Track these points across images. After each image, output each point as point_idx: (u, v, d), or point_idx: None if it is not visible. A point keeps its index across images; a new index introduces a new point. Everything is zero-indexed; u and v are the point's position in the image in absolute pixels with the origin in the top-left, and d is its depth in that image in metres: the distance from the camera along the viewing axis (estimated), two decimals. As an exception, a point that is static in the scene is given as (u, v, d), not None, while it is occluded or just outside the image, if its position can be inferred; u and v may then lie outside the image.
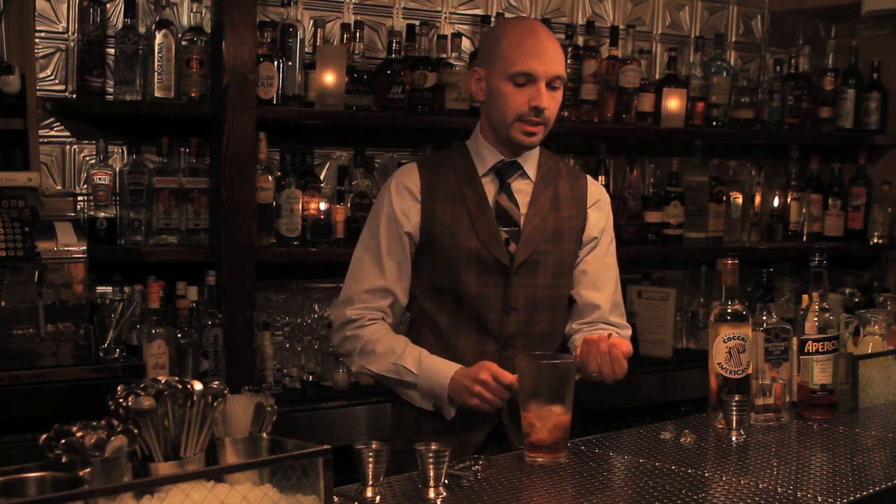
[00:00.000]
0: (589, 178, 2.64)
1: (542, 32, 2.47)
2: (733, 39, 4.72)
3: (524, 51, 2.42)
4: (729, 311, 2.41)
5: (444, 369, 2.38)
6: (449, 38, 3.78)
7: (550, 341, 2.52)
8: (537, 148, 2.55)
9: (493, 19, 3.90)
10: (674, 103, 4.22)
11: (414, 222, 2.48)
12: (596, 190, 2.61)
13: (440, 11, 3.97)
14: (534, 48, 2.42)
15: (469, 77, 2.55)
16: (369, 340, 2.46)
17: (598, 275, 2.57)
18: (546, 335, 2.51)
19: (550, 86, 2.43)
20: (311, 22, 3.66)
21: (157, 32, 3.27)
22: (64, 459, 1.46)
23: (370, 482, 1.82)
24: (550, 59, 2.43)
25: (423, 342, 2.49)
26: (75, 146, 3.37)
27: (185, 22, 3.42)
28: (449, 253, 2.46)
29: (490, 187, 2.50)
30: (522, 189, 2.52)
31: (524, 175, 2.52)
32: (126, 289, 3.24)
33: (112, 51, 3.31)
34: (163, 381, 1.57)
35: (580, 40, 4.10)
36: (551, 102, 2.44)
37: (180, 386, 1.56)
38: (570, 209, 2.54)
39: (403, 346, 2.44)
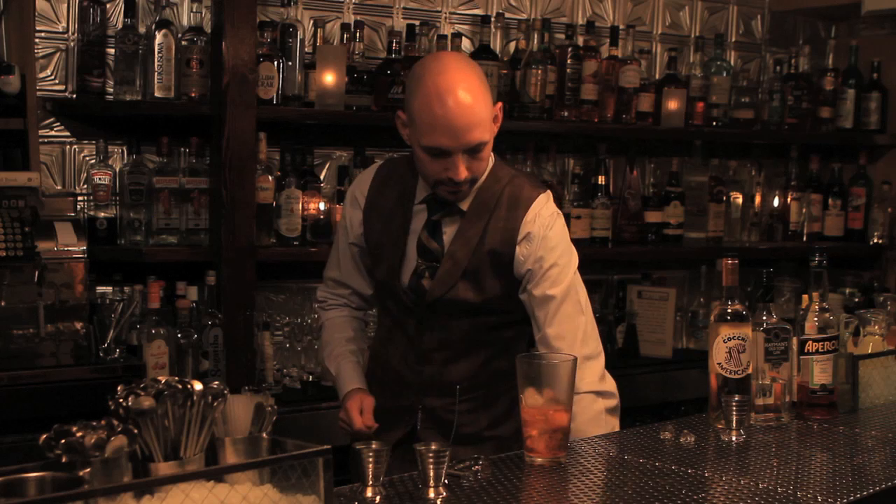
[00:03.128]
0: (534, 205, 2.38)
1: (454, 95, 2.22)
2: (733, 39, 4.72)
3: (434, 125, 2.23)
4: (729, 311, 2.41)
5: (343, 386, 2.54)
6: (449, 38, 3.78)
7: (474, 356, 2.44)
8: (488, 167, 2.39)
9: (492, 19, 3.90)
10: (674, 103, 4.22)
11: (357, 233, 2.54)
12: (529, 223, 2.36)
13: (440, 11, 3.97)
14: (443, 120, 2.22)
15: (396, 119, 2.39)
16: (322, 325, 2.69)
17: (534, 311, 2.39)
18: (466, 350, 2.44)
19: (470, 152, 2.27)
20: (311, 22, 3.66)
21: (157, 32, 3.27)
22: (64, 459, 1.46)
23: (370, 482, 1.82)
24: (462, 131, 2.22)
25: (375, 339, 2.64)
26: (75, 146, 3.37)
27: (185, 22, 3.42)
28: (373, 270, 2.54)
29: (421, 217, 2.44)
30: (454, 222, 2.40)
31: (456, 208, 2.40)
32: (126, 289, 3.25)
33: (112, 51, 3.32)
34: (163, 381, 1.57)
35: (580, 40, 4.10)
36: (472, 165, 2.29)
37: (180, 386, 1.56)
38: (496, 244, 2.37)
39: (334, 346, 2.61)
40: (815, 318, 2.52)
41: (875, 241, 4.72)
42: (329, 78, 3.47)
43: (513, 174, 2.45)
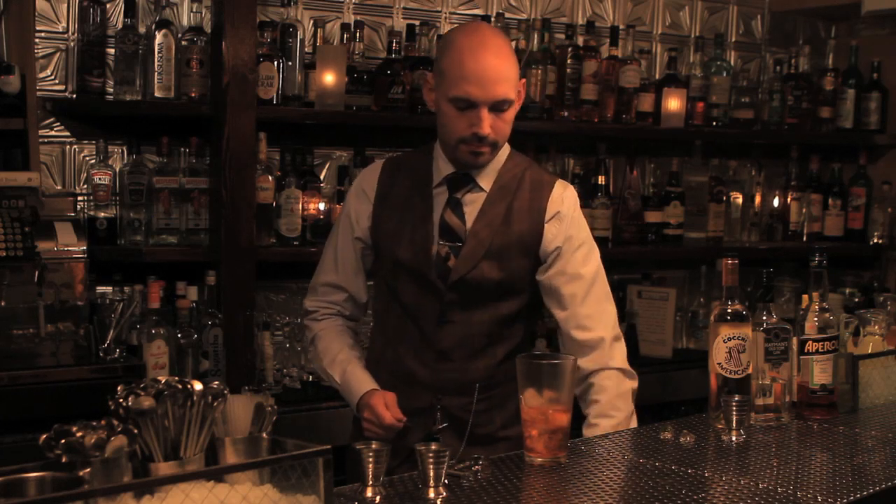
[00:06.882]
0: (557, 186, 2.46)
1: (486, 50, 2.29)
2: (733, 39, 4.72)
3: (464, 73, 2.27)
4: (729, 311, 2.41)
5: (357, 388, 2.45)
6: (449, 38, 3.77)
7: (492, 353, 2.45)
8: (505, 152, 2.45)
9: (493, 19, 3.90)
10: (674, 103, 4.22)
11: (364, 227, 2.50)
12: (557, 202, 2.44)
13: (440, 11, 3.98)
14: (474, 70, 2.27)
15: (424, 83, 2.44)
16: (315, 335, 2.57)
17: (560, 290, 2.43)
18: (486, 347, 2.44)
19: (496, 108, 2.30)
20: (311, 22, 3.66)
21: (157, 32, 3.27)
22: (64, 459, 1.46)
23: (370, 482, 1.82)
24: (492, 82, 2.27)
25: (376, 341, 2.56)
26: (75, 146, 3.37)
27: (185, 22, 3.42)
28: (389, 261, 2.47)
29: (441, 199, 2.44)
30: (475, 201, 2.42)
31: (478, 187, 2.43)
32: (126, 289, 3.24)
33: (112, 51, 3.32)
34: (163, 381, 1.57)
35: (580, 40, 4.10)
36: (497, 124, 2.32)
37: (180, 386, 1.56)
38: (524, 223, 2.41)
39: (336, 352, 2.52)
40: (815, 318, 2.52)
41: (875, 241, 4.72)
42: (329, 78, 3.47)
43: (529, 160, 2.54)
